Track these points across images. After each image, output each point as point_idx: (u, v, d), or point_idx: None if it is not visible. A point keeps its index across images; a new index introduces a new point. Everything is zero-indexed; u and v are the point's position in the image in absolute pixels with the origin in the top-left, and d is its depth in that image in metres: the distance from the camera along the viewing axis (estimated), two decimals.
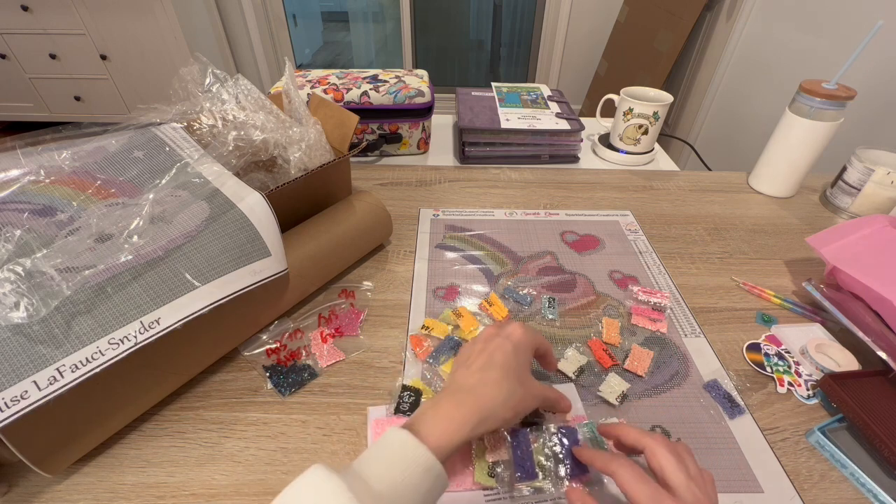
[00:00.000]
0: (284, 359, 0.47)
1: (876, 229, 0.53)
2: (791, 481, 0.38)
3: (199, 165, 0.43)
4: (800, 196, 0.77)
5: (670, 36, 1.73)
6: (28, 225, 0.35)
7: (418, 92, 0.79)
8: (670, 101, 0.80)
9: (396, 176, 0.79)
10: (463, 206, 0.72)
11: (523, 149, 0.84)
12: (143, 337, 0.34)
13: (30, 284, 0.32)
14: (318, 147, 0.54)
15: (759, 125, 1.54)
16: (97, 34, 2.03)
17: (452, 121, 1.00)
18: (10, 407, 0.29)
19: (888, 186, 0.67)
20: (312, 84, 0.81)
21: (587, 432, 0.40)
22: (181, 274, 0.37)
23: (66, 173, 0.39)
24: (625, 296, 0.56)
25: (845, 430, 0.41)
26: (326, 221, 0.54)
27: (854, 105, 0.67)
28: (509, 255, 0.62)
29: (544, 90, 0.98)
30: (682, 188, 0.78)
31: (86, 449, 0.38)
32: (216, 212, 0.41)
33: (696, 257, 0.63)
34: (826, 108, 0.66)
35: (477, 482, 0.37)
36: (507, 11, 2.78)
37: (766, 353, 0.49)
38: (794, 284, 0.59)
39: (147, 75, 2.15)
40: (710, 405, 0.44)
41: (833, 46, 1.28)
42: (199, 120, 0.49)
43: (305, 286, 0.51)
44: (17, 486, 0.37)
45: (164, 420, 0.42)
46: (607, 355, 0.48)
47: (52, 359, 0.31)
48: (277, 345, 0.48)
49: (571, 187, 0.78)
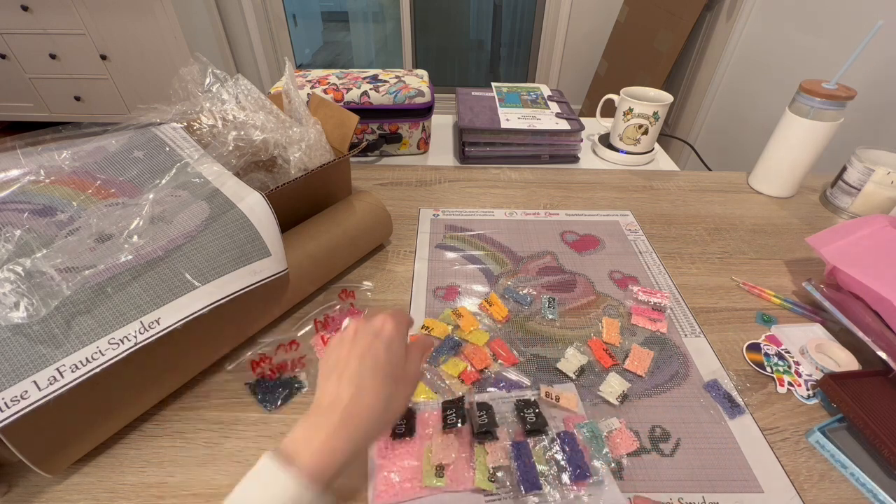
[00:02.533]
0: (270, 372, 0.46)
1: (876, 229, 0.53)
2: (791, 481, 0.38)
3: (199, 165, 0.43)
4: (800, 196, 0.77)
5: (670, 36, 1.73)
6: (28, 225, 0.35)
7: (418, 92, 0.79)
8: (670, 101, 0.80)
9: (396, 176, 0.79)
10: (463, 206, 0.72)
11: (523, 149, 0.84)
12: (143, 337, 0.34)
13: (30, 284, 0.32)
14: (318, 147, 0.54)
15: (759, 125, 1.54)
16: (97, 34, 2.03)
17: (452, 121, 1.00)
18: (10, 407, 0.29)
19: (888, 186, 0.67)
20: (312, 84, 0.81)
21: (586, 432, 0.40)
22: (181, 274, 0.37)
23: (66, 173, 0.39)
24: (625, 296, 0.56)
25: (845, 430, 0.41)
26: (326, 221, 0.54)
27: (854, 105, 0.67)
28: (509, 255, 0.62)
29: (544, 90, 0.98)
30: (682, 188, 0.78)
31: (86, 449, 0.38)
32: (216, 212, 0.41)
33: (696, 257, 0.63)
34: (826, 108, 0.66)
35: (478, 487, 0.37)
36: (507, 11, 2.77)
37: (766, 353, 0.49)
38: (794, 284, 0.59)
39: (147, 75, 2.15)
40: (710, 405, 0.44)
41: (833, 46, 1.28)
42: (199, 120, 0.49)
43: (305, 286, 0.51)
44: (17, 486, 0.37)
45: (164, 420, 0.42)
46: (607, 355, 0.48)
47: (52, 359, 0.31)
48: (261, 358, 0.47)
49: (571, 187, 0.78)
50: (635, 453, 0.40)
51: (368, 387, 0.30)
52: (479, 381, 0.45)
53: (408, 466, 0.38)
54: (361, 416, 0.29)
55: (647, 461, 0.39)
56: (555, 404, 0.43)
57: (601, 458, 0.38)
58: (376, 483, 0.37)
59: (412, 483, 0.37)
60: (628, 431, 0.41)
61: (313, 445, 0.27)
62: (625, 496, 0.36)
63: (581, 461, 0.37)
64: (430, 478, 0.37)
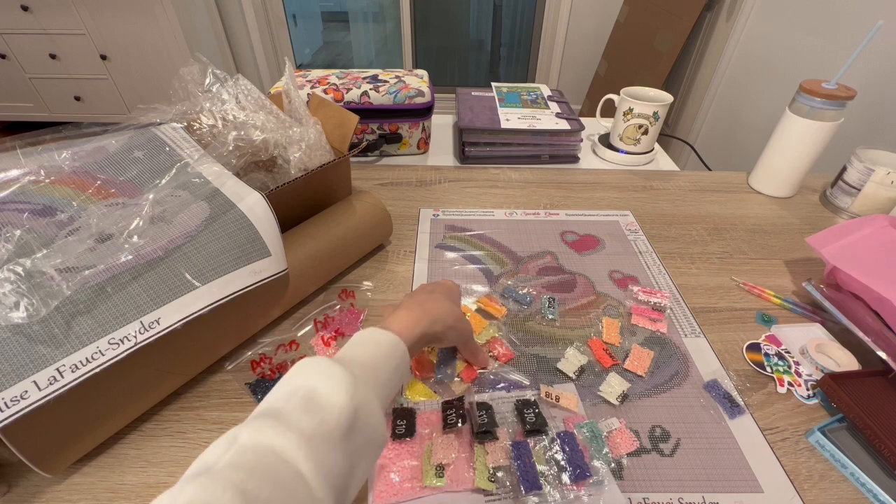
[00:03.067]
0: (270, 372, 0.46)
1: (876, 229, 0.53)
2: (791, 481, 0.38)
3: (199, 165, 0.43)
4: (800, 196, 0.77)
5: (670, 36, 1.73)
6: (28, 225, 0.35)
7: (418, 92, 0.79)
8: (670, 101, 0.80)
9: (396, 176, 0.79)
10: (463, 206, 0.72)
11: (523, 149, 0.84)
12: (143, 337, 0.34)
13: (30, 284, 0.32)
14: (318, 147, 0.54)
15: (759, 125, 1.54)
16: (97, 34, 2.03)
17: (452, 121, 1.00)
18: (10, 407, 0.29)
19: (888, 186, 0.67)
20: (312, 84, 0.81)
21: (586, 432, 0.40)
22: (181, 274, 0.37)
23: (66, 173, 0.39)
24: (625, 296, 0.56)
25: (845, 430, 0.41)
26: (326, 221, 0.54)
27: (854, 105, 0.67)
28: (509, 255, 0.62)
29: (544, 90, 0.98)
30: (682, 188, 0.78)
31: (86, 449, 0.38)
32: (216, 212, 0.41)
33: (695, 257, 0.63)
34: (826, 108, 0.66)
35: (478, 487, 0.37)
36: (507, 11, 2.77)
37: (766, 353, 0.49)
38: (794, 284, 0.59)
39: (147, 75, 2.15)
40: (710, 405, 0.44)
41: (833, 46, 1.28)
42: (199, 120, 0.49)
43: (305, 286, 0.51)
44: (17, 486, 0.37)
45: (164, 420, 0.42)
46: (607, 355, 0.48)
47: (52, 359, 0.31)
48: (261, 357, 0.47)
49: (571, 187, 0.78)
50: (635, 453, 0.40)
51: (436, 299, 0.42)
52: (478, 379, 0.45)
53: (408, 466, 0.38)
54: (427, 310, 0.40)
55: (647, 461, 0.39)
56: (555, 404, 0.43)
57: (601, 458, 0.38)
58: (376, 483, 0.37)
59: (412, 483, 0.37)
60: (628, 431, 0.41)
61: (402, 321, 0.38)
62: (625, 496, 0.37)
63: (581, 461, 0.37)
64: (430, 478, 0.37)
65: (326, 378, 0.28)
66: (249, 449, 0.24)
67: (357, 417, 0.28)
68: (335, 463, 0.26)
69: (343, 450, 0.27)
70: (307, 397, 0.27)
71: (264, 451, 0.24)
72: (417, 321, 0.38)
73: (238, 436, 0.25)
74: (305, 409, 0.26)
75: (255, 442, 0.24)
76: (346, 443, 0.27)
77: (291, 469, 0.24)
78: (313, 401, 0.27)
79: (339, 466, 0.26)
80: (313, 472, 0.24)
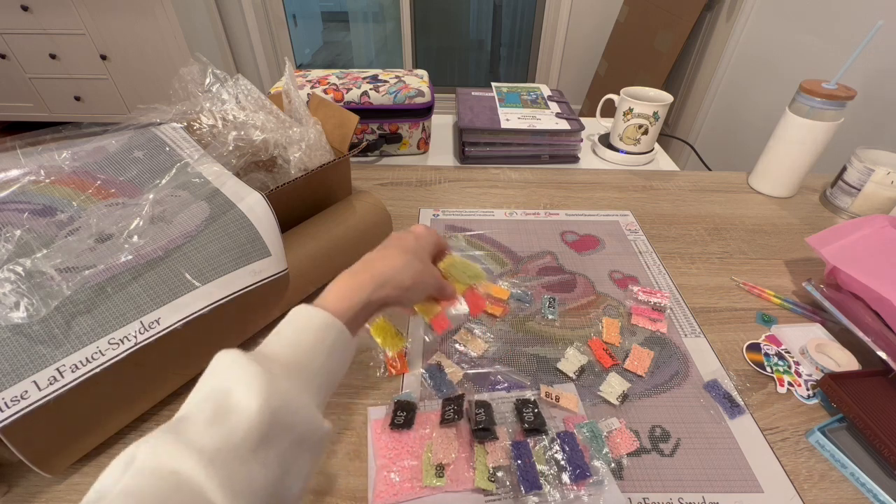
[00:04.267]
0: None
1: (876, 229, 0.53)
2: (791, 481, 0.38)
3: (199, 165, 0.43)
4: (800, 196, 0.77)
5: (670, 36, 1.73)
6: (28, 225, 0.35)
7: (418, 92, 0.79)
8: (670, 101, 0.80)
9: (396, 176, 0.79)
10: (463, 206, 0.72)
11: (523, 149, 0.84)
12: (143, 337, 0.34)
13: (30, 284, 0.32)
14: (318, 147, 0.54)
15: (759, 125, 1.54)
16: (97, 34, 2.03)
17: (452, 121, 1.00)
18: (10, 407, 0.29)
19: (888, 186, 0.67)
20: (312, 84, 0.81)
21: (586, 432, 0.40)
22: (181, 274, 0.37)
23: (66, 173, 0.39)
24: (625, 296, 0.56)
25: (845, 430, 0.41)
26: (326, 221, 0.54)
27: (854, 105, 0.67)
28: (509, 255, 0.62)
29: (544, 90, 0.98)
30: (682, 188, 0.78)
31: (86, 449, 0.38)
32: (216, 212, 0.41)
33: (695, 257, 0.63)
34: (826, 108, 0.66)
35: (478, 487, 0.37)
36: (507, 11, 2.77)
37: (766, 353, 0.49)
38: (794, 284, 0.59)
39: (147, 75, 2.15)
40: (710, 405, 0.44)
41: (833, 46, 1.28)
42: (199, 120, 0.49)
43: (305, 286, 0.51)
44: (17, 486, 0.37)
45: (164, 420, 0.41)
46: (608, 355, 0.48)
47: (52, 359, 0.31)
48: None
49: (571, 187, 0.78)
50: (635, 453, 0.40)
51: (389, 254, 0.38)
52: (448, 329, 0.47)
53: (408, 466, 0.38)
54: (374, 270, 0.36)
55: (647, 461, 0.39)
56: (555, 404, 0.43)
57: (601, 458, 0.38)
58: (376, 483, 0.37)
59: (412, 483, 0.37)
60: (628, 431, 0.41)
61: (340, 291, 0.34)
62: (625, 496, 0.37)
63: (581, 461, 0.37)
64: (430, 478, 0.37)
65: (238, 379, 0.26)
66: (147, 471, 0.22)
67: (276, 420, 0.25)
68: (251, 476, 0.23)
69: (261, 459, 0.24)
70: (219, 403, 0.25)
71: (163, 473, 0.22)
72: (360, 287, 0.34)
73: (136, 455, 0.23)
74: (212, 420, 0.24)
75: (153, 464, 0.22)
76: (264, 451, 0.24)
77: (193, 492, 0.21)
78: (223, 407, 0.25)
79: (259, 478, 0.24)
80: (219, 491, 0.21)
